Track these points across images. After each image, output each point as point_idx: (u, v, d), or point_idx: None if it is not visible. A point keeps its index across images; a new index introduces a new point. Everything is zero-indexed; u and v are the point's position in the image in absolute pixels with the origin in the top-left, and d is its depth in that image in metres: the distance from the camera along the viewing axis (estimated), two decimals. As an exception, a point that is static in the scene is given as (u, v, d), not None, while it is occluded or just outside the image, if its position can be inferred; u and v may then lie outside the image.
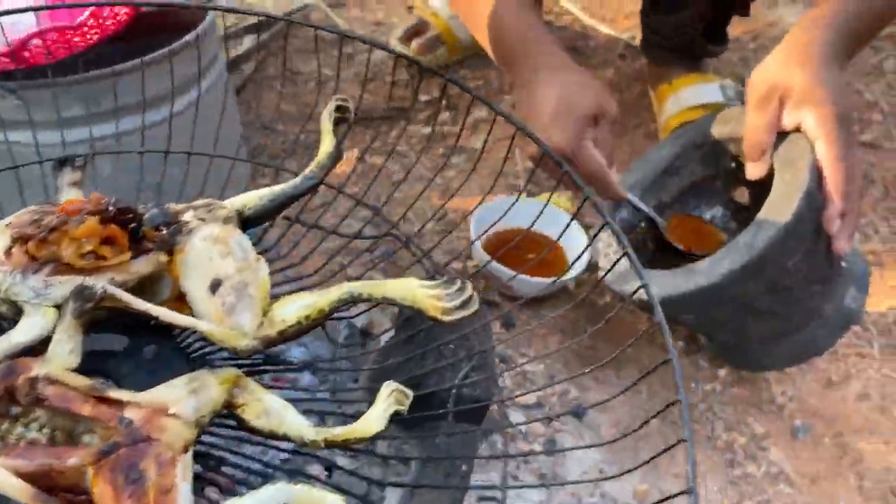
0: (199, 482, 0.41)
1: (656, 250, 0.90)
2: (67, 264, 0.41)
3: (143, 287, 0.44)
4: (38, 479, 0.32)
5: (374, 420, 0.40)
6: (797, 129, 0.74)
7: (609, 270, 0.75)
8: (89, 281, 0.41)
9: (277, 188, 0.53)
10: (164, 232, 0.43)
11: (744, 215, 0.91)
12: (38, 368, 0.37)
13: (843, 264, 0.80)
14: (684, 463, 0.81)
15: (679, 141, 0.90)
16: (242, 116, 1.21)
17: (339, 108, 0.55)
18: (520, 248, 0.97)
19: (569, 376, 0.87)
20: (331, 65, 1.36)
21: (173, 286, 0.45)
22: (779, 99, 0.74)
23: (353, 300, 0.45)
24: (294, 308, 0.44)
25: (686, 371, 0.90)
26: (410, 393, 0.41)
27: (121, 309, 0.40)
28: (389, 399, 0.40)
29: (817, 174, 0.72)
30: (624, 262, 0.84)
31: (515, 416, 0.81)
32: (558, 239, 0.75)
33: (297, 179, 0.55)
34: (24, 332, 0.39)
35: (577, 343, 0.91)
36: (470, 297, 0.42)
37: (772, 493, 0.80)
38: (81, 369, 0.38)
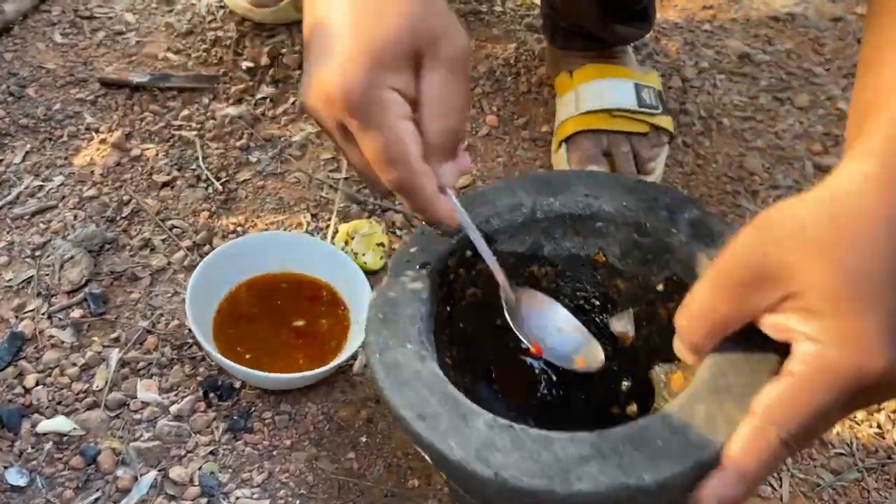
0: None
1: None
2: None
3: None
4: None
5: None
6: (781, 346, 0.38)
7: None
8: None
9: None
10: None
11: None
12: None
13: None
14: None
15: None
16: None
17: None
18: (287, 303, 0.68)
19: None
20: (142, 11, 1.03)
21: None
22: (777, 293, 0.37)
23: None
24: None
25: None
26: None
27: None
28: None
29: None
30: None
31: None
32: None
33: None
34: None
35: (333, 463, 0.61)
36: None
37: None
38: None
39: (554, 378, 0.54)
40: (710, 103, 1.06)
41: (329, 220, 0.79)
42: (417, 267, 0.48)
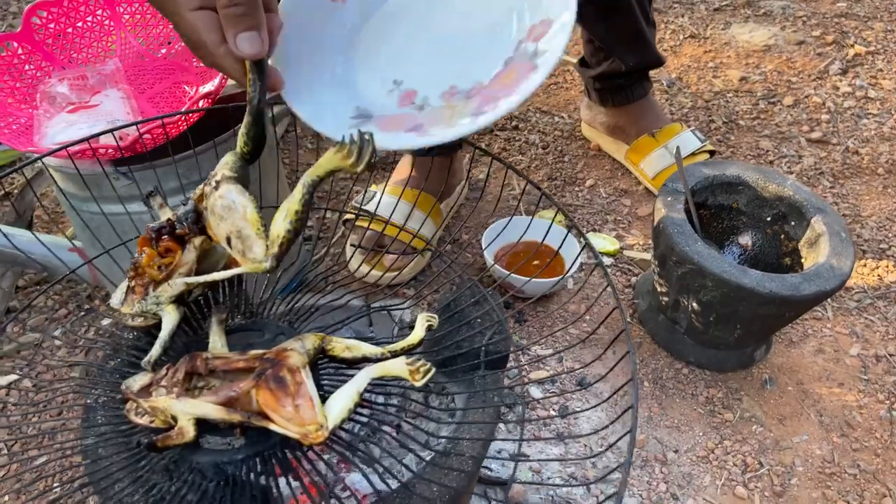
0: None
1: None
2: (157, 280, 0.59)
3: (206, 264, 0.58)
4: (224, 405, 0.52)
5: (417, 333, 0.58)
6: None
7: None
8: (176, 282, 0.58)
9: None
10: (189, 222, 0.58)
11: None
12: (205, 354, 0.57)
13: None
14: (671, 412, 1.00)
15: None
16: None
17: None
18: (525, 257, 1.19)
19: (575, 358, 1.06)
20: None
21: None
22: None
23: (313, 186, 0.54)
24: (280, 222, 0.54)
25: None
26: (435, 316, 0.58)
27: (209, 284, 0.58)
28: (423, 321, 0.58)
29: None
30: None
31: (534, 391, 1.01)
32: (559, 249, 0.93)
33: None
34: (166, 327, 0.58)
35: (577, 328, 1.11)
36: (364, 144, 0.52)
37: (746, 433, 0.99)
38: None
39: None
40: (728, 113, 1.58)
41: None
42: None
